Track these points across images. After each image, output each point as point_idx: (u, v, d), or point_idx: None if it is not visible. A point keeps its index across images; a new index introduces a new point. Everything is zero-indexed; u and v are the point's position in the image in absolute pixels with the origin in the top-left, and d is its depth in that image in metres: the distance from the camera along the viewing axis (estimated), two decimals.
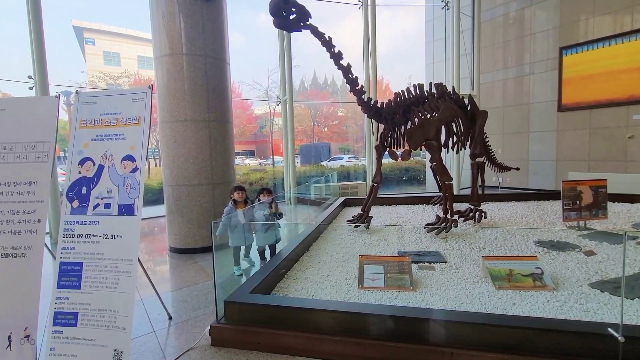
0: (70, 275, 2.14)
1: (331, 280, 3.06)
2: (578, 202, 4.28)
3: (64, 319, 2.10)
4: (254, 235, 3.95)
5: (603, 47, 7.76)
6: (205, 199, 4.91)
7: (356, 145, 24.01)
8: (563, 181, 4.34)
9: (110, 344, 2.05)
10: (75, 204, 2.24)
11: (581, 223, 4.37)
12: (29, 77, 5.53)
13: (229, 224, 3.73)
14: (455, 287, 2.82)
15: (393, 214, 5.80)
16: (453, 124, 4.68)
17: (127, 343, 2.05)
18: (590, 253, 3.47)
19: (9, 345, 2.14)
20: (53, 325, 2.11)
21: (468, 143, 4.96)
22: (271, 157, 18.39)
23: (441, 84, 4.75)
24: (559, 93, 8.51)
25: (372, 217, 4.84)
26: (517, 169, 6.29)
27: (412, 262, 3.14)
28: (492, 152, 5.83)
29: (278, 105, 8.93)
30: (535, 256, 3.14)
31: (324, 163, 16.74)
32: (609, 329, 1.91)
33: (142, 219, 2.25)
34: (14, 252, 2.20)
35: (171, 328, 2.81)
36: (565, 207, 4.26)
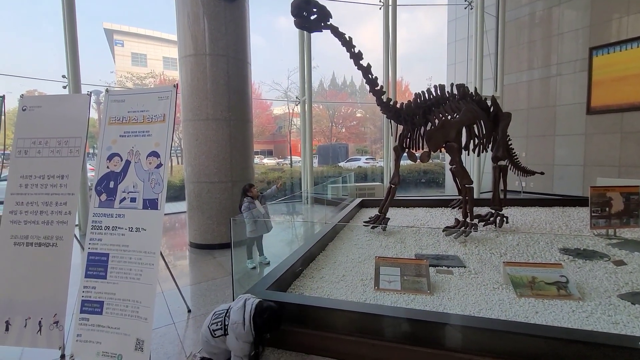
0: (97, 265, 2.24)
1: (347, 281, 3.06)
2: (607, 209, 4.08)
3: (91, 307, 2.20)
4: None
5: (638, 47, 7.37)
6: (224, 196, 5.01)
7: (374, 147, 23.84)
8: (591, 187, 4.15)
9: (132, 333, 2.12)
10: (104, 197, 2.34)
11: (610, 231, 4.16)
12: (63, 76, 5.82)
13: (253, 218, 3.84)
14: (474, 292, 2.75)
15: (410, 216, 5.73)
16: (474, 126, 4.57)
17: (148, 333, 2.12)
18: (620, 263, 3.30)
19: (39, 330, 2.26)
20: (80, 313, 2.21)
21: (490, 146, 4.83)
22: (289, 156, 18.53)
23: (463, 85, 4.65)
24: (588, 95, 8.15)
25: (389, 218, 4.80)
26: (542, 173, 6.07)
27: (430, 265, 3.09)
28: (515, 155, 5.65)
29: (297, 105, 9.01)
30: (560, 264, 3.02)
31: (341, 164, 16.70)
32: None
33: (164, 215, 2.32)
34: (47, 242, 2.33)
35: (190, 321, 2.89)
36: (593, 214, 4.07)
